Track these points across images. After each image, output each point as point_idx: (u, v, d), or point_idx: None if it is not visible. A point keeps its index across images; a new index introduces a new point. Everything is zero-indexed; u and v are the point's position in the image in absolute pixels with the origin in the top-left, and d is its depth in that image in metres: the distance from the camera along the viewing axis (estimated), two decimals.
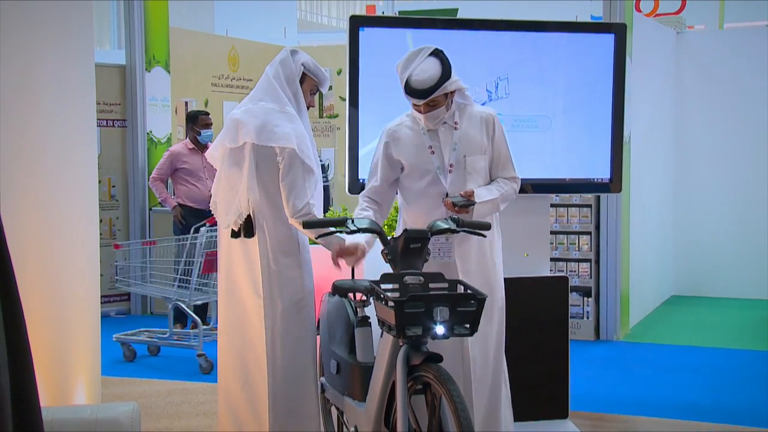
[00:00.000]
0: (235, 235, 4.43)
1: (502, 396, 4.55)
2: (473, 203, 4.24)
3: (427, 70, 4.19)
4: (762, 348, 7.96)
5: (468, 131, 4.40)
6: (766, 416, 5.81)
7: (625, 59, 5.52)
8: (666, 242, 10.22)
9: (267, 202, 4.37)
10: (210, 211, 4.72)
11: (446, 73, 4.20)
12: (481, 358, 4.46)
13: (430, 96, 4.19)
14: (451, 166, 4.38)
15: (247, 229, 4.37)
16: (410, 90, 4.21)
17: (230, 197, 4.43)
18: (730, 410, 6.08)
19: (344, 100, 5.19)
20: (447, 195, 4.33)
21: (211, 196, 4.64)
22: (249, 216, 4.37)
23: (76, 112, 4.42)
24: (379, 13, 13.00)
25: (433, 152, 4.40)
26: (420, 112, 4.30)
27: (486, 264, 4.50)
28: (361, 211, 4.42)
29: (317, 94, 4.67)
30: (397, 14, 9.99)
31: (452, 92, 4.32)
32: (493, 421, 4.49)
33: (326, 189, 7.49)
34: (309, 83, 4.58)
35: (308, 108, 4.62)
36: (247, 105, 4.49)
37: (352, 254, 4.26)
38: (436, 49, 4.26)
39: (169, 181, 8.48)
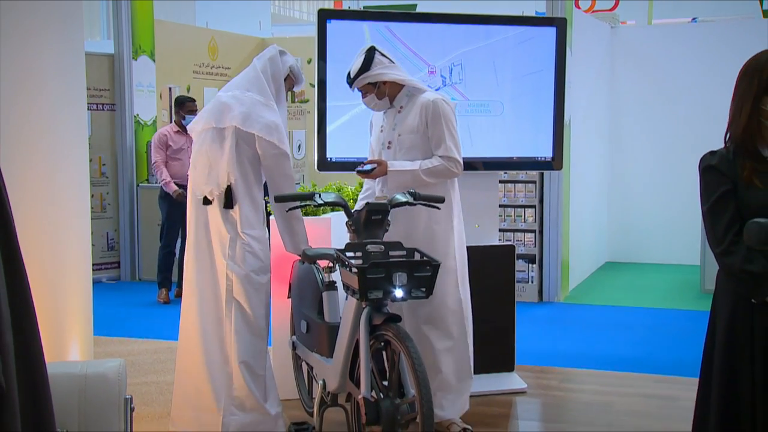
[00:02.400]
0: (206, 202, 4.41)
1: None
2: (369, 170, 4.38)
3: (354, 65, 4.45)
4: (685, 307, 8.04)
5: (407, 114, 4.51)
6: (687, 366, 5.86)
7: (566, 51, 5.52)
8: (601, 214, 10.28)
9: (241, 179, 4.38)
10: None
11: (365, 68, 4.41)
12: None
13: (352, 85, 4.48)
14: (389, 143, 4.54)
15: (227, 200, 4.36)
16: (347, 80, 4.50)
17: (207, 170, 4.42)
18: (657, 362, 6.14)
19: (314, 86, 5.15)
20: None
21: None
22: (230, 189, 4.36)
23: (68, 96, 4.37)
24: (345, 8, 12.91)
25: (381, 131, 4.60)
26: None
27: (430, 233, 4.53)
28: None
29: (291, 90, 4.80)
30: (363, 8, 9.93)
31: (384, 83, 4.46)
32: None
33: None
34: (289, 82, 4.66)
35: None
36: (234, 92, 4.48)
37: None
38: (370, 47, 4.48)
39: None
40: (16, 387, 1.89)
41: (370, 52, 4.43)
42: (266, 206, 4.62)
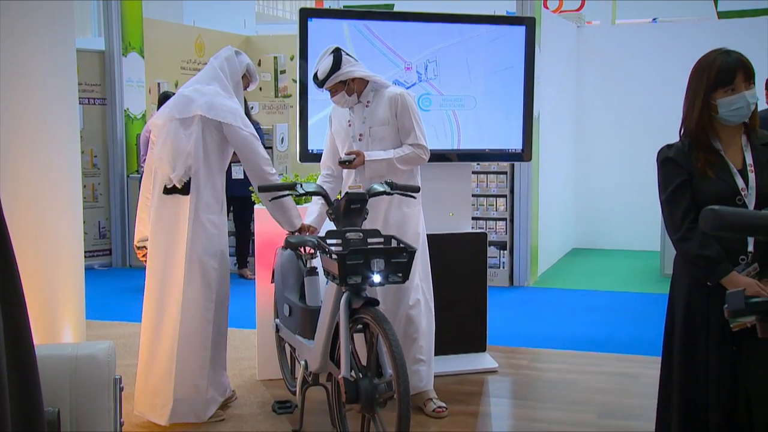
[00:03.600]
0: (167, 191, 4.39)
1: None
2: (351, 159, 4.40)
3: (323, 66, 4.44)
4: (645, 290, 8.08)
5: (375, 108, 4.55)
6: (647, 345, 5.90)
7: (535, 48, 5.51)
8: (568, 203, 10.31)
9: (204, 167, 4.37)
10: None
11: (335, 67, 4.42)
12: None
13: (323, 86, 4.47)
14: (360, 135, 4.56)
15: (185, 187, 4.35)
16: (314, 81, 4.49)
17: (172, 159, 4.38)
18: (619, 342, 6.17)
19: (296, 81, 5.13)
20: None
21: None
22: (190, 177, 4.36)
23: (61, 91, 4.34)
24: (326, 7, 12.85)
25: (350, 125, 4.60)
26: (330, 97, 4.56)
27: (402, 217, 4.59)
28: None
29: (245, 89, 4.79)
30: (343, 7, 9.88)
31: (352, 80, 4.48)
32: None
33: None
34: (245, 81, 4.69)
35: None
36: (195, 86, 4.49)
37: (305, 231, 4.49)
38: (336, 48, 4.49)
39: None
40: (5, 369, 1.86)
41: (338, 53, 4.45)
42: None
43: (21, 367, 1.95)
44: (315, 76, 4.48)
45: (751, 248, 3.02)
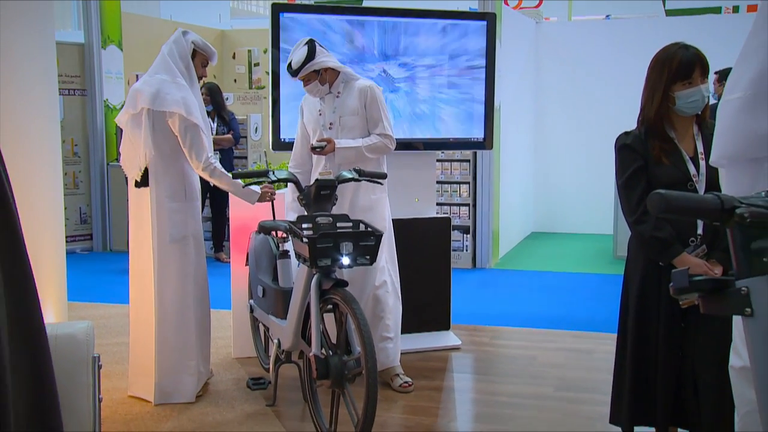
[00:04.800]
0: (137, 185, 4.35)
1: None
2: (323, 146, 4.38)
3: (297, 56, 4.40)
4: (600, 272, 8.15)
5: (345, 98, 4.53)
6: (601, 323, 5.95)
7: (496, 42, 5.51)
8: (527, 189, 10.36)
9: (159, 157, 4.29)
10: None
11: (309, 57, 4.38)
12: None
13: (297, 75, 4.42)
14: (330, 124, 4.54)
15: (143, 179, 4.30)
16: (288, 70, 4.44)
17: (132, 154, 4.34)
18: (575, 320, 6.22)
19: (269, 73, 5.09)
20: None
21: None
22: (146, 168, 4.30)
23: (41, 83, 4.27)
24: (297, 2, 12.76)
25: (321, 114, 4.57)
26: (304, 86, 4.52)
27: (369, 203, 4.59)
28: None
29: (207, 66, 4.60)
30: (314, 3, 9.82)
31: (325, 70, 4.46)
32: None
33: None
34: (200, 58, 4.48)
35: (200, 79, 4.54)
36: (144, 77, 4.40)
37: (266, 195, 4.45)
38: (310, 39, 4.45)
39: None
40: (9, 359, 1.82)
41: (312, 44, 4.41)
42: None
43: (33, 356, 1.90)
44: (289, 65, 4.44)
45: (700, 231, 3.07)
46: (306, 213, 4.01)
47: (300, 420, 4.18)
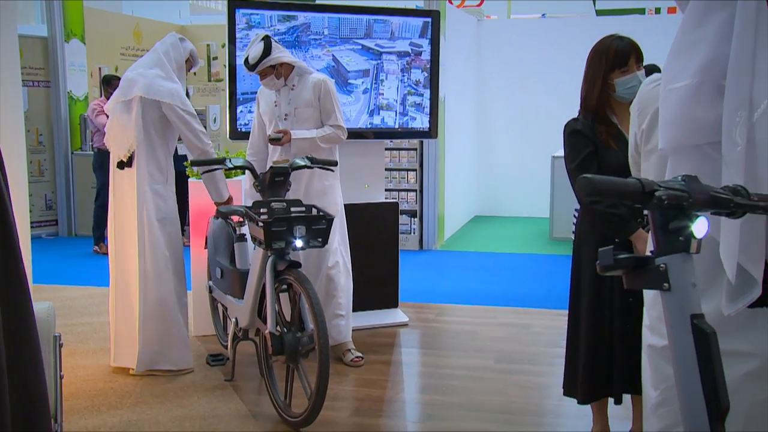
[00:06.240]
0: (121, 166, 4.37)
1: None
2: (279, 137, 4.38)
3: (254, 52, 4.37)
4: (537, 252, 8.23)
5: (300, 91, 4.51)
6: (538, 300, 6.03)
7: (440, 38, 5.51)
8: (471, 176, 10.41)
9: (145, 141, 4.34)
10: None
11: (266, 53, 4.36)
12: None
13: (254, 69, 4.39)
14: (286, 115, 4.52)
15: (129, 161, 4.33)
16: (245, 65, 4.41)
17: (120, 136, 4.37)
18: (514, 297, 6.28)
19: (226, 67, 5.03)
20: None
21: None
22: (133, 152, 4.33)
23: (4, 75, 4.15)
24: None
25: (276, 105, 4.54)
26: (260, 80, 4.49)
27: (323, 189, 4.58)
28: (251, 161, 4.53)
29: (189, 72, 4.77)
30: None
31: (281, 64, 4.43)
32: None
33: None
34: (188, 65, 4.64)
35: None
36: (138, 70, 4.45)
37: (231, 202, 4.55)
38: (265, 36, 4.43)
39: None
40: (6, 361, 1.74)
41: (267, 40, 4.38)
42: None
43: (27, 359, 1.82)
44: (246, 61, 4.40)
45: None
46: (261, 198, 3.98)
47: (257, 393, 4.16)
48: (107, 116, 7.86)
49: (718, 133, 1.72)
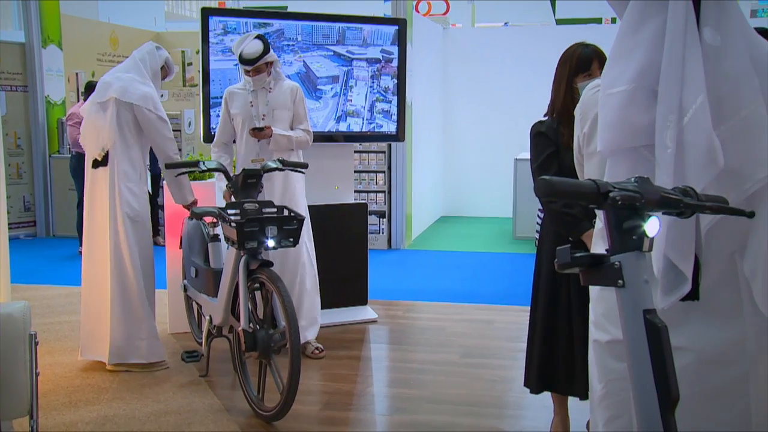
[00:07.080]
0: (96, 165, 4.37)
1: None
2: (263, 128, 4.39)
3: (254, 47, 4.35)
4: (500, 251, 8.27)
5: (278, 94, 4.54)
6: (501, 296, 6.06)
7: (407, 45, 5.51)
8: (437, 178, 10.43)
9: (120, 141, 4.35)
10: None
11: (266, 49, 4.37)
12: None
13: (256, 64, 4.36)
14: (264, 115, 4.50)
15: (104, 159, 4.34)
16: (243, 60, 4.37)
17: (95, 136, 4.39)
18: (478, 294, 6.30)
19: (200, 72, 5.00)
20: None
21: None
22: (108, 150, 4.34)
23: None
24: (226, 7, 12.50)
25: (252, 106, 4.51)
26: (250, 76, 4.44)
27: (292, 190, 4.58)
28: (217, 158, 4.54)
29: (165, 79, 4.77)
30: (242, 8, 9.65)
31: (271, 63, 4.46)
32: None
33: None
34: (164, 72, 4.66)
35: None
36: (116, 74, 4.48)
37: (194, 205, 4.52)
38: (259, 34, 4.45)
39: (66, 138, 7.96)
40: None
41: (263, 37, 4.40)
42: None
43: None
44: (241, 56, 4.35)
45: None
46: (234, 200, 3.96)
47: (231, 389, 4.13)
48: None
49: (652, 137, 1.76)
